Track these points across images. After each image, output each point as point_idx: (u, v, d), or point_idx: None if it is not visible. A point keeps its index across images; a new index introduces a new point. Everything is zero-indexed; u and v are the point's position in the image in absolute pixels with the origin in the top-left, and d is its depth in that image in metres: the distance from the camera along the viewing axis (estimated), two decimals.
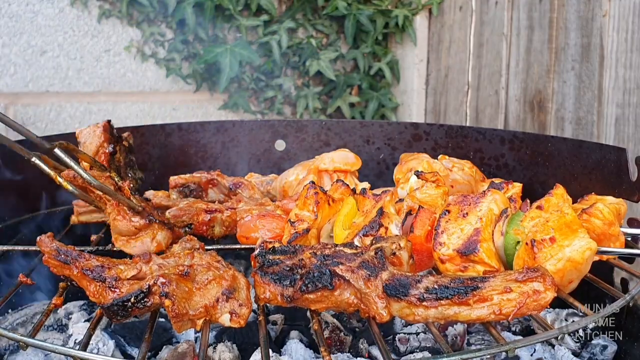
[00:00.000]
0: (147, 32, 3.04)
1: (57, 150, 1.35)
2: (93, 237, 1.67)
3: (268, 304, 1.24)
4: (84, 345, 1.10)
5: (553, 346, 1.62)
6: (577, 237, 1.29)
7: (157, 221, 1.48)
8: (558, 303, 1.37)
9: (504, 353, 1.10)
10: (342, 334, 1.64)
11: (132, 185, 1.51)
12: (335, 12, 3.25)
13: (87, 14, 2.96)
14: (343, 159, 1.91)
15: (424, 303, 1.13)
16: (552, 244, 1.27)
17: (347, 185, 1.61)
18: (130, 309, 1.14)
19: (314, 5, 3.30)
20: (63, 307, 1.79)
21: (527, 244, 1.29)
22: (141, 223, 1.46)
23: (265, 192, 1.94)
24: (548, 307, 1.14)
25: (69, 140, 1.46)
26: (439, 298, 1.12)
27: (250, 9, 3.16)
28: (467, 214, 1.37)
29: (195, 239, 1.38)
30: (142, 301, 1.13)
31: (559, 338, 1.12)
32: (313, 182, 1.58)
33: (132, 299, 1.13)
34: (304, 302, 1.19)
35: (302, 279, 1.18)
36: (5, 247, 1.52)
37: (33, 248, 1.44)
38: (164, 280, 1.14)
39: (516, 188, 1.63)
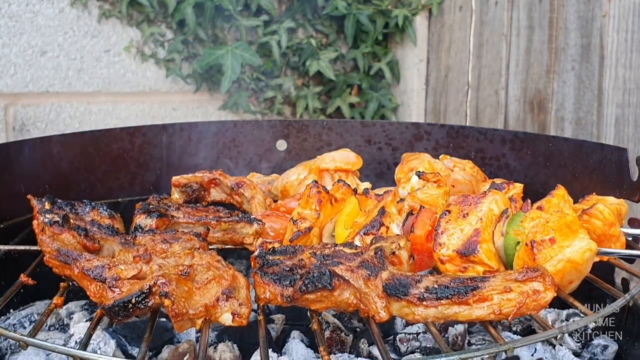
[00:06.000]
0: (147, 32, 3.04)
1: None
2: None
3: (269, 304, 1.24)
4: (84, 344, 1.10)
5: (554, 346, 1.62)
6: (577, 237, 1.29)
7: None
8: (559, 303, 1.37)
9: (503, 353, 1.10)
10: (342, 334, 1.64)
11: None
12: (335, 12, 3.25)
13: (87, 14, 2.96)
14: (344, 158, 1.91)
15: (424, 302, 1.13)
16: (552, 245, 1.27)
17: (349, 185, 1.61)
18: (131, 310, 1.14)
19: (313, 6, 3.30)
20: (65, 306, 1.79)
21: (527, 244, 1.29)
22: None
23: (267, 191, 1.94)
24: (548, 307, 1.14)
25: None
26: (439, 298, 1.12)
27: (250, 9, 3.16)
28: (467, 214, 1.37)
29: (196, 238, 1.38)
30: (143, 301, 1.14)
31: (558, 338, 1.12)
32: (316, 182, 1.58)
33: (133, 300, 1.13)
34: (303, 302, 1.19)
35: (301, 279, 1.18)
36: (6, 247, 1.52)
37: (35, 248, 1.44)
38: (163, 280, 1.14)
39: (517, 188, 1.63)
